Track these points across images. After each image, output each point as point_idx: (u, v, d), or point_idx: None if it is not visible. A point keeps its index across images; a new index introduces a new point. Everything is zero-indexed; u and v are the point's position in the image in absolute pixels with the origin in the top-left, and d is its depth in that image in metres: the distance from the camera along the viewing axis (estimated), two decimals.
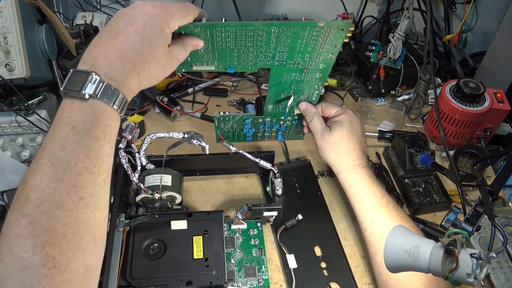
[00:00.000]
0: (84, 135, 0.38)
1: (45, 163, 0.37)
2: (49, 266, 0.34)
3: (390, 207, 0.64)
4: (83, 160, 0.38)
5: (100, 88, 0.39)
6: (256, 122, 0.77)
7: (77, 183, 0.37)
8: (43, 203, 0.36)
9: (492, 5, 1.02)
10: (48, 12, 0.70)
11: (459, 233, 0.45)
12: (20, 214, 0.35)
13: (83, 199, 0.37)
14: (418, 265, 0.47)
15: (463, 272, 0.42)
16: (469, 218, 0.53)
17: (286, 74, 0.63)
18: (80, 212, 0.37)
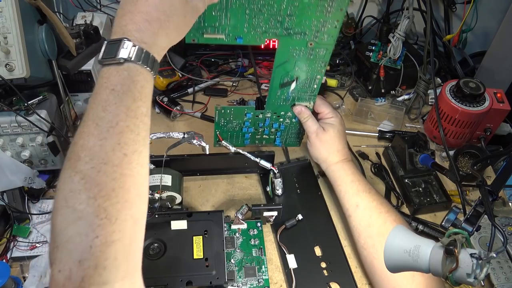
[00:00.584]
0: (122, 96, 0.41)
1: (90, 125, 0.40)
2: (101, 217, 0.37)
3: (372, 193, 0.71)
4: (123, 119, 0.41)
5: (133, 52, 0.43)
6: (256, 118, 0.78)
7: (120, 141, 0.40)
8: (92, 160, 0.39)
9: (492, 5, 1.02)
10: (48, 12, 0.70)
11: (459, 233, 0.45)
12: (73, 171, 0.39)
13: (127, 155, 0.40)
14: (418, 265, 0.47)
15: (463, 272, 0.42)
16: (469, 218, 0.53)
17: (292, 49, 0.65)
18: (125, 168, 0.40)
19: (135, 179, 0.41)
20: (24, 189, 0.78)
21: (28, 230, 0.74)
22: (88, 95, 0.91)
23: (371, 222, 0.68)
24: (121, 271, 0.38)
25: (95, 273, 0.36)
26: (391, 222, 0.67)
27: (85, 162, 0.39)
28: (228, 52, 1.12)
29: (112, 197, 0.38)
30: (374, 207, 0.69)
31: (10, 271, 0.62)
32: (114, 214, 0.38)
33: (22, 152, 0.77)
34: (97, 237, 0.37)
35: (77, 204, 0.37)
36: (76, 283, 0.35)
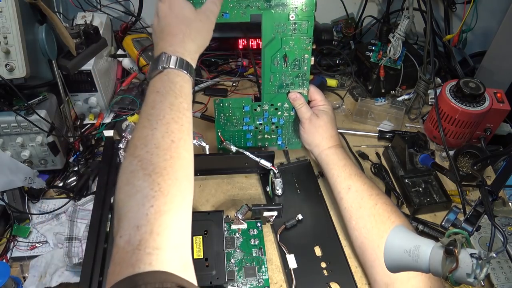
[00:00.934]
0: (166, 95, 0.51)
1: (143, 121, 0.50)
2: (155, 189, 0.44)
3: (363, 177, 0.74)
4: (169, 112, 0.50)
5: (169, 60, 0.54)
6: (255, 112, 0.80)
7: (167, 130, 0.49)
8: (146, 146, 0.47)
9: (492, 5, 1.02)
10: (48, 12, 0.70)
11: (459, 233, 0.45)
12: (132, 156, 0.47)
13: (174, 141, 0.49)
14: (418, 265, 0.47)
15: (463, 272, 0.42)
16: (469, 218, 0.53)
17: (275, 24, 0.70)
18: (173, 151, 0.48)
19: (182, 161, 0.49)
20: (24, 189, 0.78)
21: (28, 230, 0.74)
22: (88, 95, 0.91)
23: (363, 203, 0.70)
24: (172, 240, 0.44)
25: (150, 237, 0.42)
26: (381, 204, 0.69)
27: (140, 148, 0.47)
28: (228, 52, 1.12)
29: (164, 174, 0.46)
30: (365, 189, 0.71)
31: (10, 271, 0.62)
32: (166, 188, 0.45)
33: (22, 152, 0.77)
34: (152, 206, 0.43)
35: (135, 180, 0.45)
36: (134, 245, 0.41)
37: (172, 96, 0.52)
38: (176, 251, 0.44)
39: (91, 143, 0.90)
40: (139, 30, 1.10)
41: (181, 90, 0.53)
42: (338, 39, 1.18)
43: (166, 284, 0.40)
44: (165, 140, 0.48)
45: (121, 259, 0.41)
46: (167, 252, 0.43)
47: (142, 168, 0.46)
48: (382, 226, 0.65)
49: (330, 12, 1.17)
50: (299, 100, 0.79)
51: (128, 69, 1.07)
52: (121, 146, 0.73)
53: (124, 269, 0.40)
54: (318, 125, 0.78)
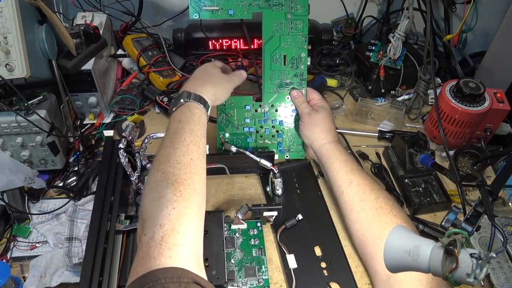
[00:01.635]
0: (186, 123, 0.61)
1: (166, 142, 0.59)
2: (177, 195, 0.52)
3: (364, 172, 0.75)
4: (188, 136, 0.59)
5: (190, 96, 0.64)
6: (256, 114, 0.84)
7: (188, 150, 0.58)
8: (168, 161, 0.56)
9: (492, 5, 1.02)
10: (48, 12, 0.70)
11: (459, 233, 0.45)
12: (156, 170, 0.55)
13: (193, 160, 0.57)
14: (418, 265, 0.47)
15: (463, 272, 0.42)
16: (469, 218, 0.53)
17: (274, 22, 0.78)
18: (192, 167, 0.57)
19: (199, 177, 0.58)
20: (24, 189, 0.78)
21: (28, 230, 0.74)
22: (88, 95, 0.91)
23: (365, 197, 0.70)
24: (190, 240, 0.51)
25: (171, 234, 0.49)
26: (383, 198, 0.70)
27: (164, 163, 0.56)
28: (228, 52, 1.12)
29: (184, 184, 0.54)
30: (367, 184, 0.72)
31: (10, 271, 0.62)
32: (187, 195, 0.53)
33: (22, 152, 0.77)
34: (174, 208, 0.51)
35: (159, 188, 0.53)
36: (157, 241, 0.48)
37: (192, 123, 0.61)
38: (192, 251, 0.51)
39: (91, 143, 0.90)
40: (139, 30, 1.10)
41: (199, 120, 0.62)
42: (338, 39, 1.18)
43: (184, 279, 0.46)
44: (185, 158, 0.57)
45: (144, 253, 0.47)
46: (185, 250, 0.49)
47: (165, 178, 0.53)
48: (384, 219, 0.66)
49: (330, 12, 1.17)
50: (300, 98, 0.84)
51: (128, 69, 1.07)
52: (121, 146, 0.73)
53: (147, 261, 0.46)
54: (318, 119, 0.81)
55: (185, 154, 0.57)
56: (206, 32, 1.09)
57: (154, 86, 1.01)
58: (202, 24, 1.08)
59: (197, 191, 0.56)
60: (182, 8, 1.10)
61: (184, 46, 1.11)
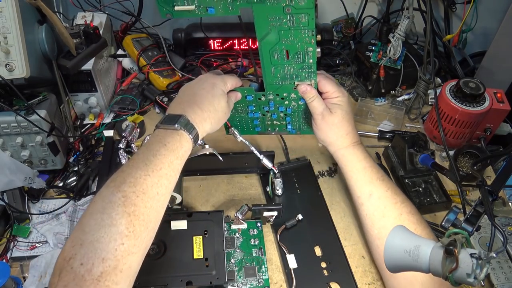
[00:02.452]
0: (171, 152, 0.54)
1: (140, 162, 0.52)
2: (130, 230, 0.46)
3: (385, 181, 0.69)
4: (166, 167, 0.53)
5: (187, 125, 0.57)
6: (259, 102, 0.73)
7: (159, 182, 0.51)
8: (135, 186, 0.49)
9: (492, 5, 1.02)
10: (48, 12, 0.70)
11: (459, 233, 0.45)
12: (117, 189, 0.48)
13: (158, 194, 0.51)
14: (418, 265, 0.47)
15: (463, 272, 0.42)
16: (469, 218, 0.53)
17: (270, 17, 0.60)
18: (154, 203, 0.51)
19: (156, 214, 0.52)
20: (24, 189, 0.78)
21: (28, 230, 0.74)
22: (88, 95, 0.91)
23: (386, 212, 0.65)
24: (130, 279, 0.47)
25: (113, 272, 0.44)
26: (407, 213, 0.65)
27: (129, 186, 0.49)
28: (228, 52, 1.12)
29: (141, 219, 0.48)
30: (388, 196, 0.66)
31: (10, 271, 0.62)
32: (139, 232, 0.47)
33: (22, 152, 0.77)
34: (123, 244, 0.45)
35: (113, 213, 0.46)
36: (94, 276, 0.42)
37: (175, 155, 0.55)
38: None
39: (91, 143, 0.90)
40: (139, 30, 1.10)
41: (184, 154, 0.57)
42: (338, 39, 1.18)
43: None
44: (153, 190, 0.51)
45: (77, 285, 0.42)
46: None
47: (124, 205, 0.47)
48: None
49: (330, 12, 1.17)
50: (309, 93, 0.68)
51: (128, 69, 1.07)
52: (121, 146, 0.73)
53: None
54: (332, 122, 0.69)
55: (154, 185, 0.51)
56: (206, 32, 1.09)
57: (154, 86, 1.01)
58: (202, 24, 1.08)
59: (149, 229, 0.50)
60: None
61: (184, 46, 1.11)
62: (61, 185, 0.82)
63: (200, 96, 0.62)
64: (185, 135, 0.57)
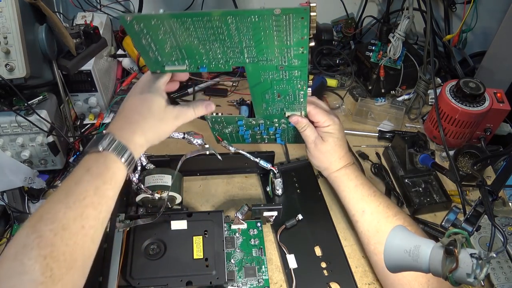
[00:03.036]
0: (95, 177, 0.48)
1: (61, 193, 0.47)
2: (46, 275, 0.40)
3: (377, 196, 0.70)
4: (91, 195, 0.47)
5: (112, 144, 0.51)
6: (250, 124, 0.74)
7: (83, 214, 0.46)
8: (52, 223, 0.43)
9: (492, 5, 1.02)
10: (48, 12, 0.70)
11: (459, 233, 0.45)
12: (32, 229, 0.43)
13: (84, 228, 0.45)
14: (418, 265, 0.47)
15: (463, 272, 0.42)
16: (469, 218, 0.53)
17: (263, 73, 0.60)
18: (79, 238, 0.45)
19: (84, 251, 0.46)
20: (24, 189, 0.78)
21: None
22: (88, 95, 0.91)
23: (379, 227, 0.66)
24: None
25: None
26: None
27: (45, 224, 0.43)
28: None
29: (61, 260, 0.42)
30: (380, 211, 0.67)
31: None
32: (58, 276, 0.42)
33: (22, 152, 0.77)
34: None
35: (26, 259, 0.41)
36: None
37: (101, 180, 0.49)
38: None
39: None
40: None
41: (112, 177, 0.50)
42: (338, 39, 1.18)
43: None
44: (75, 224, 0.45)
45: None
46: None
47: (38, 246, 0.41)
48: None
49: (330, 12, 1.17)
50: (300, 123, 0.69)
51: (128, 69, 1.07)
52: None
53: None
54: (325, 150, 0.70)
55: (77, 219, 0.45)
56: None
57: None
58: None
59: (75, 268, 0.44)
60: (182, 8, 1.10)
61: None
62: None
63: (127, 108, 0.55)
64: (110, 155, 0.50)
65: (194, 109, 0.59)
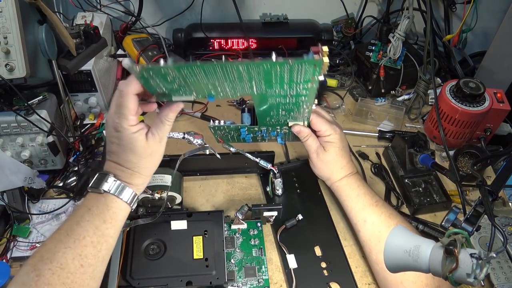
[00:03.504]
0: (95, 217, 0.50)
1: (62, 233, 0.49)
2: None
3: (379, 206, 0.69)
4: (91, 235, 0.49)
5: (113, 186, 0.53)
6: (252, 130, 0.74)
7: (82, 253, 0.48)
8: (51, 262, 0.46)
9: (492, 5, 1.02)
10: (48, 12, 0.70)
11: (459, 233, 0.45)
12: (32, 268, 0.46)
13: (83, 266, 0.48)
14: (418, 265, 0.47)
15: (463, 272, 0.42)
16: (469, 218, 0.53)
17: (270, 99, 0.60)
18: (78, 277, 0.47)
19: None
20: (24, 189, 0.78)
21: (28, 230, 0.74)
22: (88, 95, 0.91)
23: (381, 237, 0.66)
24: None
25: None
26: None
27: (44, 263, 0.46)
28: (228, 52, 1.12)
29: None
30: (382, 221, 0.67)
31: (10, 271, 0.62)
32: None
33: (22, 152, 0.77)
34: None
35: None
36: None
37: (101, 219, 0.51)
38: None
39: (91, 143, 0.90)
40: (139, 30, 1.10)
41: (113, 216, 0.52)
42: (338, 39, 1.18)
43: None
44: (74, 263, 0.47)
45: None
46: None
47: (36, 285, 0.44)
48: None
49: (330, 12, 1.17)
50: (303, 133, 0.68)
51: (128, 69, 1.07)
52: None
53: None
54: (326, 160, 0.70)
55: (76, 258, 0.47)
56: (206, 32, 1.09)
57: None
58: (202, 24, 1.08)
59: None
60: (182, 8, 1.10)
61: (184, 46, 1.11)
62: (61, 185, 0.82)
63: (115, 154, 0.54)
64: (110, 196, 0.52)
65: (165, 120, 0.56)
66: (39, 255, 0.47)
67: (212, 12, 1.12)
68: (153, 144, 0.54)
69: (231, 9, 0.98)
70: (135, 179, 0.55)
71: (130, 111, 0.51)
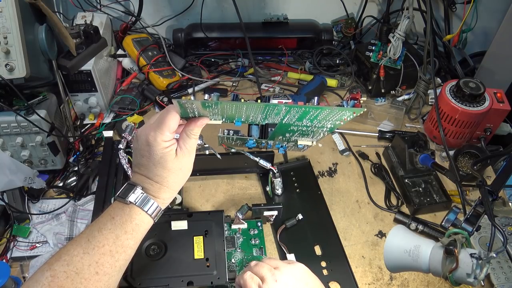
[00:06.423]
0: (118, 226, 0.51)
1: (83, 238, 0.49)
2: None
3: None
4: (110, 244, 0.49)
5: (139, 198, 0.52)
6: (259, 142, 0.75)
7: (99, 260, 0.48)
8: (68, 265, 0.46)
9: (492, 5, 1.02)
10: (48, 12, 0.70)
11: (459, 233, 0.45)
12: (48, 267, 0.46)
13: (98, 274, 0.48)
14: (418, 265, 0.47)
15: (463, 272, 0.42)
16: (469, 218, 0.53)
17: (293, 126, 0.62)
18: (91, 284, 0.47)
19: None
20: (24, 189, 0.78)
21: (28, 230, 0.74)
22: (88, 95, 0.91)
23: None
24: None
25: None
26: None
27: (61, 264, 0.47)
28: (228, 52, 1.12)
29: None
30: None
31: (10, 271, 0.62)
32: None
33: (22, 152, 0.77)
34: None
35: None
36: None
37: (123, 230, 0.51)
38: None
39: (91, 143, 0.90)
40: (139, 30, 1.10)
41: (135, 228, 0.52)
42: (338, 39, 1.18)
43: None
44: (89, 270, 0.47)
45: None
46: None
47: (49, 286, 0.45)
48: None
49: (330, 12, 1.17)
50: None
51: (128, 69, 1.07)
52: (121, 146, 0.73)
53: None
54: None
55: (92, 265, 0.47)
56: (206, 32, 1.09)
57: (154, 86, 1.01)
58: (202, 24, 1.08)
59: None
60: (182, 8, 1.10)
61: (184, 46, 1.11)
62: (61, 185, 0.82)
63: (145, 167, 0.53)
64: (135, 208, 0.52)
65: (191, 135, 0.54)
66: (59, 255, 0.48)
67: (212, 12, 1.12)
68: (182, 158, 0.54)
69: (231, 9, 0.98)
70: (162, 193, 0.54)
71: (170, 128, 0.51)
